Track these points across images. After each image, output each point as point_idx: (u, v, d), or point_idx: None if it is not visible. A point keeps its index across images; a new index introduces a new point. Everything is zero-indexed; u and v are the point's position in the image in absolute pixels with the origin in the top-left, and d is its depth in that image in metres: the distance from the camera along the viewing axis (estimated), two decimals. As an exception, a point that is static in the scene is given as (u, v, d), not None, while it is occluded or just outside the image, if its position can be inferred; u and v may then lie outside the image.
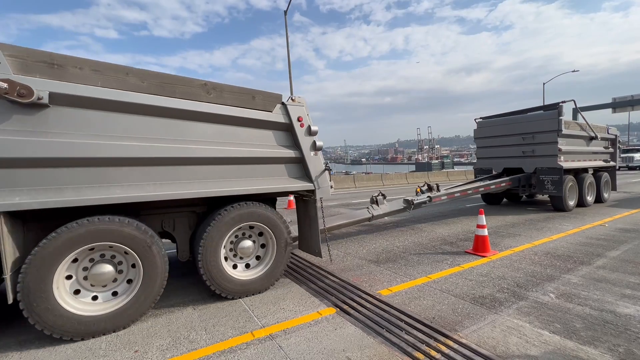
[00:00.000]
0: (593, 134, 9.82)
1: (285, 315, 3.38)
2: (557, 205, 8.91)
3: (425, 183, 7.46)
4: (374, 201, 6.34)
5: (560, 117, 8.44)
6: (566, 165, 8.64)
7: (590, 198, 9.78)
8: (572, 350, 2.67)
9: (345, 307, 3.52)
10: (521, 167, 9.41)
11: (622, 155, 32.92)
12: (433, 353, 2.66)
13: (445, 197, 7.37)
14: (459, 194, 7.70)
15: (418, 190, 7.31)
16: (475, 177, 10.43)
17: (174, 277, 4.63)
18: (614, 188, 11.15)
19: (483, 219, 5.31)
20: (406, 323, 3.15)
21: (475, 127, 10.85)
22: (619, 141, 11.24)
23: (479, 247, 5.34)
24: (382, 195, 6.48)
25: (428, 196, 6.98)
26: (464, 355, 2.62)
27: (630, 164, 30.54)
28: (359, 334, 2.98)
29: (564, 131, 8.51)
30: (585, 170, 10.18)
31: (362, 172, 36.72)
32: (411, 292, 3.90)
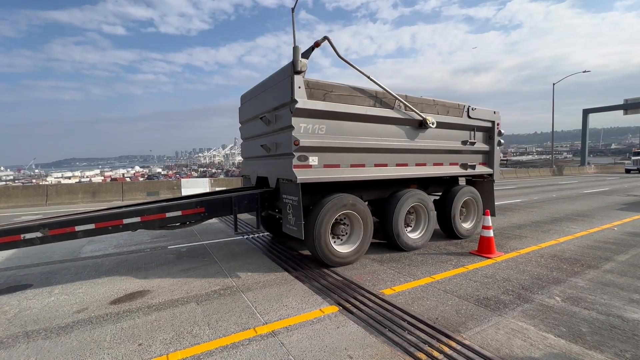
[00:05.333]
0: (420, 117, 5.33)
1: (287, 312, 3.39)
2: (311, 250, 4.77)
3: None
4: None
5: (295, 74, 4.24)
6: (307, 176, 4.38)
7: (415, 234, 5.66)
8: (578, 354, 2.63)
9: (348, 305, 3.52)
10: (267, 175, 5.37)
11: (634, 157, 32.25)
12: (435, 354, 2.65)
13: None
14: None
15: None
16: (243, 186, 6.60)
17: (176, 273, 4.67)
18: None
19: (489, 220, 5.26)
20: (409, 323, 3.13)
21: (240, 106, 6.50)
22: (501, 132, 6.70)
23: (484, 248, 5.29)
24: None
25: None
26: (466, 357, 2.60)
27: (641, 167, 29.99)
28: (361, 333, 2.97)
29: (302, 103, 4.26)
30: (428, 182, 6.24)
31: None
32: (414, 292, 3.88)
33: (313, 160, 4.49)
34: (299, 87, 4.29)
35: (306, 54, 4.45)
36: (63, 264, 5.20)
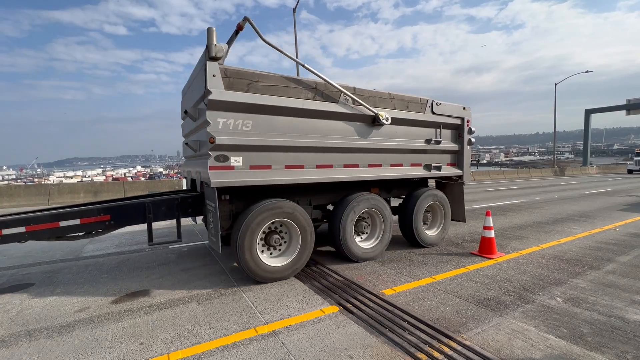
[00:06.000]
0: (371, 113, 4.76)
1: (288, 312, 3.40)
2: (238, 263, 4.20)
3: None
4: None
5: (209, 61, 3.71)
6: (227, 179, 3.84)
7: (367, 244, 5.11)
8: (579, 355, 2.63)
9: (349, 305, 3.52)
10: (195, 178, 4.89)
11: (636, 158, 32.10)
12: (436, 354, 2.65)
13: None
14: None
15: None
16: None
17: (177, 272, 4.68)
18: (459, 217, 6.26)
19: (490, 221, 5.25)
20: (409, 323, 3.13)
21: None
22: (472, 130, 6.12)
23: (485, 248, 5.28)
24: None
25: None
26: (467, 357, 2.60)
27: (644, 168, 29.88)
28: (362, 333, 2.98)
29: (218, 94, 3.70)
30: (390, 185, 5.75)
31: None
32: (415, 292, 3.88)
33: (236, 160, 3.92)
34: (214, 76, 3.70)
35: (230, 40, 4.11)
36: (65, 263, 5.22)
